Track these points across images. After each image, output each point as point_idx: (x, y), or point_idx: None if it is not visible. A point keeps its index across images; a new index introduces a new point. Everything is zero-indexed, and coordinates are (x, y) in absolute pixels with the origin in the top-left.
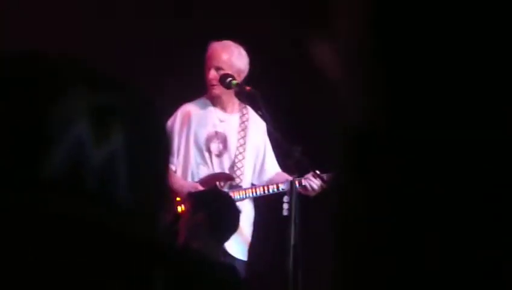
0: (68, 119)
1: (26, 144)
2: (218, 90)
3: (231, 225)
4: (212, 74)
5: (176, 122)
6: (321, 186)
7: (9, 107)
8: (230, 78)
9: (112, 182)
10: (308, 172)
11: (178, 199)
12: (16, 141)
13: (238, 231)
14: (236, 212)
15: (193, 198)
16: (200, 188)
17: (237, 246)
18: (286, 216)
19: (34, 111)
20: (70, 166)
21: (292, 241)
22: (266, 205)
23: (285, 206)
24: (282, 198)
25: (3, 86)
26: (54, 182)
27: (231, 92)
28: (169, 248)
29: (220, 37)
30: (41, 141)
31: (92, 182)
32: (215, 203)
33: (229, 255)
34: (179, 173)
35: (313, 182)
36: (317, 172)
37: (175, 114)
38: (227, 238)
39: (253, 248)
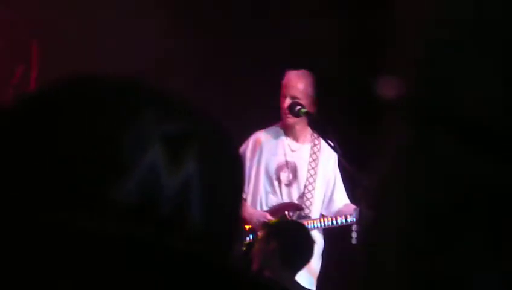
0: (142, 146)
1: (100, 171)
2: (292, 119)
3: (304, 255)
4: (288, 103)
5: (247, 149)
6: None
7: (83, 133)
8: (299, 107)
9: (185, 210)
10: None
11: (248, 227)
12: (89, 167)
13: None
14: (311, 243)
15: (268, 227)
16: (270, 217)
17: (305, 276)
18: (355, 245)
19: (108, 137)
20: (143, 193)
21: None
22: (334, 234)
23: (354, 234)
24: (350, 227)
25: (75, 112)
26: (126, 209)
27: (304, 122)
28: (243, 275)
29: (297, 66)
30: (115, 168)
31: (165, 210)
32: (289, 232)
33: (298, 284)
34: (249, 200)
35: None
36: None
37: (247, 141)
38: (300, 268)
39: (322, 276)
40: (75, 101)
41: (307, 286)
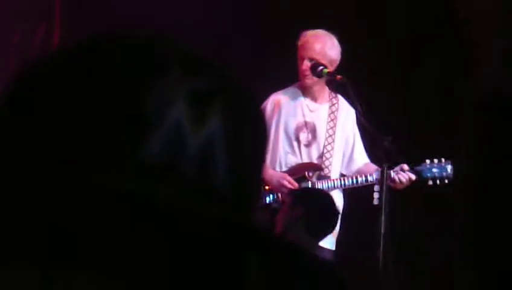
0: (167, 103)
1: (124, 129)
2: (310, 80)
3: (328, 224)
4: (306, 64)
5: (266, 110)
6: (409, 179)
7: (106, 91)
8: (321, 67)
9: (209, 167)
10: (397, 164)
11: (266, 187)
12: (112, 125)
13: None
14: (335, 213)
15: (294, 194)
16: (289, 178)
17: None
18: (376, 205)
19: (133, 95)
20: (168, 151)
21: (382, 230)
22: (355, 194)
23: (376, 195)
24: (371, 188)
25: (98, 69)
26: (150, 167)
27: (323, 82)
28: (266, 235)
29: (313, 26)
30: (139, 126)
31: (189, 167)
32: (315, 202)
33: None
34: (268, 161)
35: (402, 176)
36: (407, 166)
37: (266, 102)
38: (322, 238)
39: (342, 237)
40: (98, 59)
41: (327, 246)
